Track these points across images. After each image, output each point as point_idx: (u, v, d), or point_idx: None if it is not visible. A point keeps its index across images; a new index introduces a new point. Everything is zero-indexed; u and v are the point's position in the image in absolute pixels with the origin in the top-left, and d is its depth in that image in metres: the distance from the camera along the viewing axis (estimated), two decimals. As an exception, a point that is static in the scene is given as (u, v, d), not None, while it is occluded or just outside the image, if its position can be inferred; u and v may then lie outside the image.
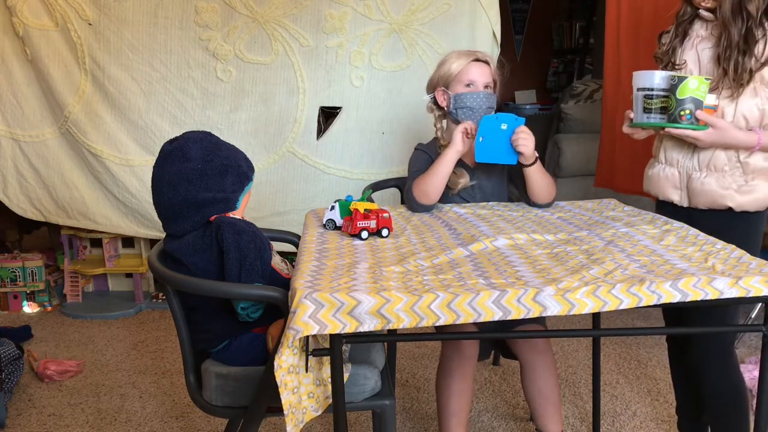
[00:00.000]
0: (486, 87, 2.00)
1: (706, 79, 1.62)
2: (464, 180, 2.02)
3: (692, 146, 1.78)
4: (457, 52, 2.04)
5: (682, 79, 1.61)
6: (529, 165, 1.94)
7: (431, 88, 2.07)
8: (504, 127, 1.89)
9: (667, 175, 1.85)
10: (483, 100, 1.98)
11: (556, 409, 1.87)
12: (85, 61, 3.13)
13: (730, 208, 1.75)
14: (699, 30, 1.79)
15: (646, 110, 1.71)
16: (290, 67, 3.10)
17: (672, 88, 1.65)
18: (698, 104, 1.63)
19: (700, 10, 1.76)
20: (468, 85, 1.99)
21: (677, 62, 1.82)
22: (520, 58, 6.53)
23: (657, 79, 1.68)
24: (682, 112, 1.63)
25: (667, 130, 1.69)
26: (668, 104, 1.67)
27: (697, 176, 1.78)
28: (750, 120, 1.71)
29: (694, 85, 1.61)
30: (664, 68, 1.85)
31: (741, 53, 1.66)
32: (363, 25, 3.07)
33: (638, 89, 1.72)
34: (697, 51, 1.79)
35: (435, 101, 2.08)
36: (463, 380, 1.84)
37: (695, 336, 1.82)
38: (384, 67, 3.11)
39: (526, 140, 1.89)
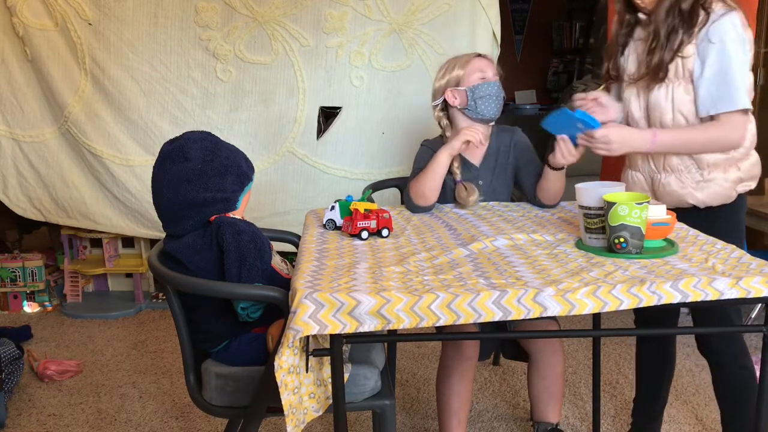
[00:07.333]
0: (496, 77, 2.00)
1: (638, 204, 1.40)
2: (474, 197, 1.97)
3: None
4: (457, 56, 2.03)
5: (611, 205, 1.41)
6: (561, 168, 1.90)
7: (439, 93, 2.03)
8: (580, 126, 1.73)
9: (636, 179, 1.87)
10: (497, 89, 1.98)
11: (557, 404, 1.92)
12: (85, 61, 3.13)
13: (695, 206, 1.75)
14: (640, 33, 1.80)
15: (588, 230, 1.51)
16: (290, 67, 3.10)
17: (605, 212, 1.45)
18: (635, 232, 1.40)
19: (640, 14, 1.77)
20: (482, 78, 1.97)
21: (617, 72, 1.84)
22: (520, 58, 6.51)
23: (591, 198, 1.49)
24: (616, 241, 1.42)
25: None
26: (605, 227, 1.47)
27: (659, 178, 1.80)
28: (689, 117, 1.70)
29: (624, 212, 1.40)
30: (608, 80, 1.87)
31: (662, 49, 1.68)
32: (363, 25, 3.07)
33: (579, 206, 1.53)
34: (637, 52, 1.80)
35: (442, 106, 2.04)
36: (463, 380, 1.84)
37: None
38: (384, 67, 3.11)
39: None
